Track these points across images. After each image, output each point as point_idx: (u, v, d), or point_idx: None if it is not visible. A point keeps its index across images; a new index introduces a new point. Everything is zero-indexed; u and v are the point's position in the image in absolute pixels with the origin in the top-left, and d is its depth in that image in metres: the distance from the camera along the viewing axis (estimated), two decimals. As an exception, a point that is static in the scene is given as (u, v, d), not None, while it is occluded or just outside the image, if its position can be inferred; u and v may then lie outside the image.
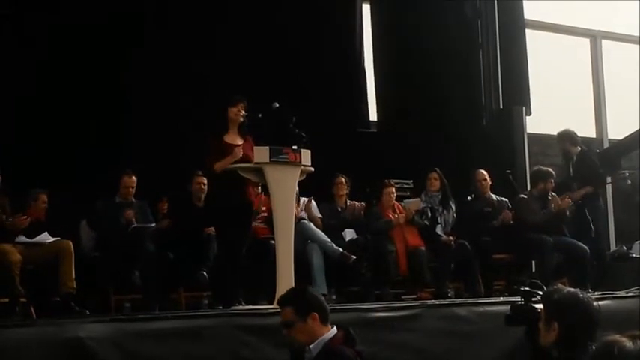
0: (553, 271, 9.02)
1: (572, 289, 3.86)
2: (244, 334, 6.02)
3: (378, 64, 11.55)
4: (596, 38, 13.64)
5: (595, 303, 3.78)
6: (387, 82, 11.60)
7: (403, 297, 8.92)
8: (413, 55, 11.57)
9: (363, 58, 11.41)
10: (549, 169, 9.73)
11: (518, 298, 4.32)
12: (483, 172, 9.65)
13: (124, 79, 9.44)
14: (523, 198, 9.61)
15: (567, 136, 10.19)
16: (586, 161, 10.09)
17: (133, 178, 8.43)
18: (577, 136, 10.22)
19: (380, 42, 11.61)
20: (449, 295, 8.74)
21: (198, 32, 9.86)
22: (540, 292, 4.12)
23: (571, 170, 10.11)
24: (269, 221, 8.06)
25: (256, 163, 6.96)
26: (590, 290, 3.87)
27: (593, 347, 3.33)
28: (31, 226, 7.65)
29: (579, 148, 10.14)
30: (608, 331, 3.24)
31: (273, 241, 7.56)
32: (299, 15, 10.52)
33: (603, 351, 2.68)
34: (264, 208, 8.32)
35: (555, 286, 4.11)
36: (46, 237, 7.49)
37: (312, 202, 8.95)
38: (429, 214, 9.31)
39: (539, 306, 3.98)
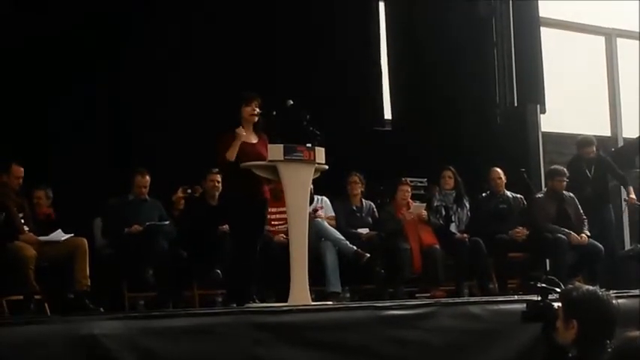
0: (568, 270, 8.98)
1: (591, 287, 3.83)
2: (258, 331, 5.99)
3: (393, 63, 11.53)
4: (611, 36, 13.59)
5: (614, 301, 3.75)
6: (402, 80, 11.58)
7: (417, 295, 8.91)
8: (427, 53, 11.55)
9: (379, 56, 11.40)
10: (561, 168, 9.70)
11: (533, 297, 4.29)
12: (498, 170, 9.62)
13: (137, 77, 9.45)
14: (537, 198, 9.58)
15: (589, 141, 10.21)
16: (605, 164, 10.20)
17: (147, 177, 8.43)
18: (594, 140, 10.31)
19: (394, 40, 11.59)
20: (463, 293, 8.72)
21: (210, 28, 9.85)
22: (557, 289, 4.10)
23: (589, 174, 10.08)
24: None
25: (270, 161, 6.95)
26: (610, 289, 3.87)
27: (612, 346, 3.31)
28: (42, 223, 7.71)
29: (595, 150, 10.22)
30: (625, 330, 3.22)
31: (283, 238, 7.60)
32: (315, 12, 10.51)
33: (626, 346, 2.66)
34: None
35: (573, 285, 4.09)
36: (59, 234, 7.51)
37: (326, 200, 8.96)
38: (443, 213, 9.30)
39: (557, 304, 3.95)
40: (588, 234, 9.22)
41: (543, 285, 4.19)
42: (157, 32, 9.59)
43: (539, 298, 4.17)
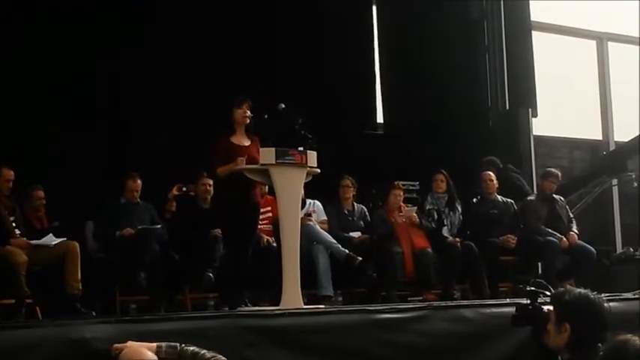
0: (559, 273, 9.00)
1: (583, 291, 3.83)
2: (250, 335, 5.99)
3: (385, 66, 11.54)
4: (602, 40, 13.63)
5: (606, 304, 3.75)
6: (394, 84, 11.59)
7: (409, 299, 8.91)
8: (419, 57, 11.57)
9: (373, 59, 11.42)
10: (551, 170, 9.74)
11: (524, 300, 4.29)
12: (490, 172, 9.63)
13: (130, 79, 9.44)
14: (529, 200, 9.60)
15: (492, 162, 10.15)
16: (509, 181, 10.15)
17: (138, 181, 8.42)
18: (498, 161, 10.18)
19: (386, 44, 11.61)
20: (455, 296, 8.72)
21: (204, 31, 9.85)
22: (546, 292, 4.10)
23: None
24: (274, 222, 8.09)
25: (262, 164, 6.95)
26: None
27: (604, 349, 3.32)
28: (35, 229, 7.70)
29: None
30: (617, 333, 3.22)
31: (275, 244, 7.62)
32: (308, 16, 10.53)
33: (617, 349, 2.67)
34: (269, 208, 8.33)
35: (564, 288, 4.09)
36: (50, 238, 7.49)
37: (318, 203, 8.96)
38: (435, 216, 9.30)
39: (547, 307, 3.95)
40: (577, 232, 9.25)
41: (532, 288, 4.19)
42: (157, 31, 9.58)
43: (529, 302, 4.17)
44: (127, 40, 9.37)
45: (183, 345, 4.98)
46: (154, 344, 4.87)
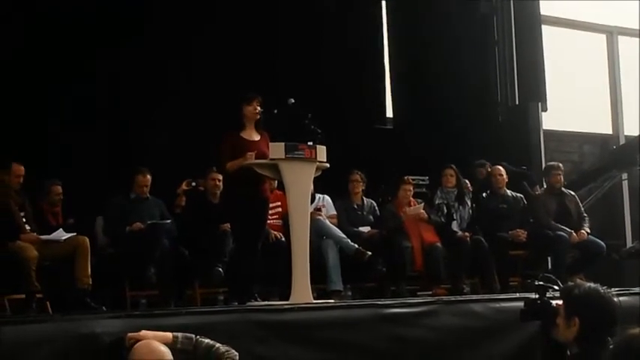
0: (569, 268, 8.98)
1: (593, 285, 3.83)
2: (260, 330, 6.00)
3: (394, 61, 11.54)
4: (612, 34, 13.59)
5: (615, 299, 3.75)
6: (403, 78, 11.59)
7: (419, 293, 8.91)
8: (429, 51, 11.56)
9: (383, 54, 11.41)
10: (552, 163, 9.74)
11: (533, 294, 4.28)
12: (500, 167, 9.63)
13: (130, 79, 9.44)
14: (538, 195, 9.59)
15: (482, 164, 10.10)
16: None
17: (148, 176, 8.42)
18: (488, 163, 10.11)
19: (396, 39, 11.61)
20: (464, 291, 8.72)
21: (204, 31, 9.84)
22: (555, 287, 4.10)
23: None
24: (284, 217, 8.10)
25: (272, 159, 6.95)
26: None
27: (613, 343, 3.31)
28: (51, 225, 7.72)
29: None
30: (626, 327, 3.22)
31: (284, 239, 7.64)
32: (317, 12, 10.51)
33: (627, 344, 2.67)
34: (278, 203, 8.34)
35: (575, 282, 4.09)
36: (60, 234, 7.50)
37: (328, 198, 8.96)
38: (445, 211, 9.30)
39: (555, 301, 3.95)
40: (588, 230, 9.23)
41: (540, 283, 4.18)
42: (157, 31, 9.58)
43: (537, 296, 4.16)
44: (127, 40, 9.36)
45: (198, 336, 4.98)
46: (170, 334, 4.88)
